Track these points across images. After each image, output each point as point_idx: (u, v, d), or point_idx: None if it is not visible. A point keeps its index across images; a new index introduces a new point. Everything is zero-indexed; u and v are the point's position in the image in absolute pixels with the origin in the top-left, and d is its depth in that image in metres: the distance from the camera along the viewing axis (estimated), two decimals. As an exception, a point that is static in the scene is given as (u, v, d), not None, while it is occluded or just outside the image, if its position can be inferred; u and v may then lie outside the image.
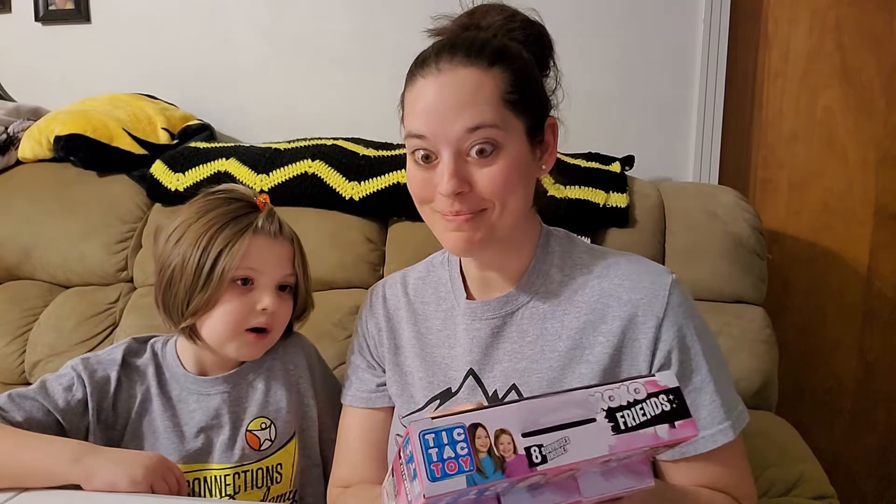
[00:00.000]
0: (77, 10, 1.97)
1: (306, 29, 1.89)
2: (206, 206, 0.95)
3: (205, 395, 0.98)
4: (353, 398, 0.94)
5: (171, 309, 0.94)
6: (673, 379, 0.54)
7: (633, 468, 0.54)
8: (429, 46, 0.80)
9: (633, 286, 0.81)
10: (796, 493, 1.21)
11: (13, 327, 1.59)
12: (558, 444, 0.49)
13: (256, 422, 0.98)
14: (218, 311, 0.93)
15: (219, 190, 0.99)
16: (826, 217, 1.84)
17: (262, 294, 0.94)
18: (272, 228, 0.95)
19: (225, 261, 0.91)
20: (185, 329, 0.95)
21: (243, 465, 0.97)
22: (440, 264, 0.94)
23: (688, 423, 0.53)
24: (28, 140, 1.72)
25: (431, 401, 0.86)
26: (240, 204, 0.96)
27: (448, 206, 0.77)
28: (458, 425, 0.49)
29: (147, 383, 0.98)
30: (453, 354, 0.87)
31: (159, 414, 0.96)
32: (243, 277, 0.93)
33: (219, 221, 0.93)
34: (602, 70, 1.76)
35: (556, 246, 0.87)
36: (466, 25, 0.82)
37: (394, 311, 0.94)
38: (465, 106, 0.74)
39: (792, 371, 1.80)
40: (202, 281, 0.91)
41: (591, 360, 0.80)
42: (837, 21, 1.76)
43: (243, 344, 0.96)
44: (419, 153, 0.78)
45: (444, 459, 0.47)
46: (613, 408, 0.52)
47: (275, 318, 0.96)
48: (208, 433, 0.97)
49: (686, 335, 0.80)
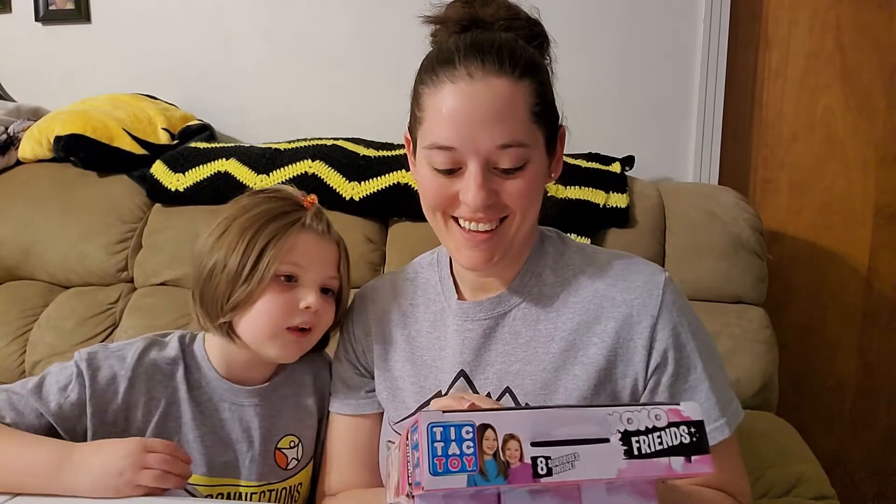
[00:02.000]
0: (77, 10, 1.97)
1: (306, 29, 1.89)
2: (251, 203, 0.91)
3: (238, 406, 0.93)
4: (341, 406, 0.93)
5: (210, 303, 0.89)
6: (697, 411, 0.52)
7: (639, 488, 0.53)
8: (447, 43, 0.77)
9: (626, 286, 0.81)
10: (796, 494, 1.21)
11: (13, 327, 1.59)
12: (566, 459, 0.48)
13: (286, 440, 0.95)
14: (259, 308, 0.88)
15: (265, 189, 0.96)
16: (826, 217, 1.84)
17: (306, 292, 0.89)
18: (320, 227, 0.92)
19: (270, 254, 0.86)
20: (221, 325, 0.90)
21: (270, 484, 0.93)
22: (429, 265, 0.93)
23: (704, 459, 0.51)
24: (28, 140, 1.72)
25: (423, 405, 0.86)
26: (287, 202, 0.92)
27: (471, 213, 0.76)
28: (468, 423, 0.48)
29: (174, 385, 0.91)
30: (443, 357, 0.86)
31: (189, 420, 0.91)
32: (287, 274, 0.88)
33: (265, 216, 0.89)
34: (602, 70, 1.76)
35: (549, 247, 0.87)
36: (468, 17, 0.80)
37: (382, 313, 0.92)
38: (497, 120, 0.73)
39: (792, 371, 1.80)
40: (245, 275, 0.86)
41: (586, 361, 0.80)
42: (838, 21, 1.76)
43: (283, 343, 0.90)
44: (441, 163, 0.76)
45: (449, 455, 0.47)
46: (630, 431, 0.50)
47: (317, 318, 0.90)
48: (238, 446, 0.92)
49: (681, 333, 0.80)
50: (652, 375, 0.80)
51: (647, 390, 0.80)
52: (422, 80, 0.78)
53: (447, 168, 0.76)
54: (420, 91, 0.78)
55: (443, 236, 0.82)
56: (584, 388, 0.79)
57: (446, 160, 0.75)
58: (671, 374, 0.79)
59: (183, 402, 0.91)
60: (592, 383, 0.79)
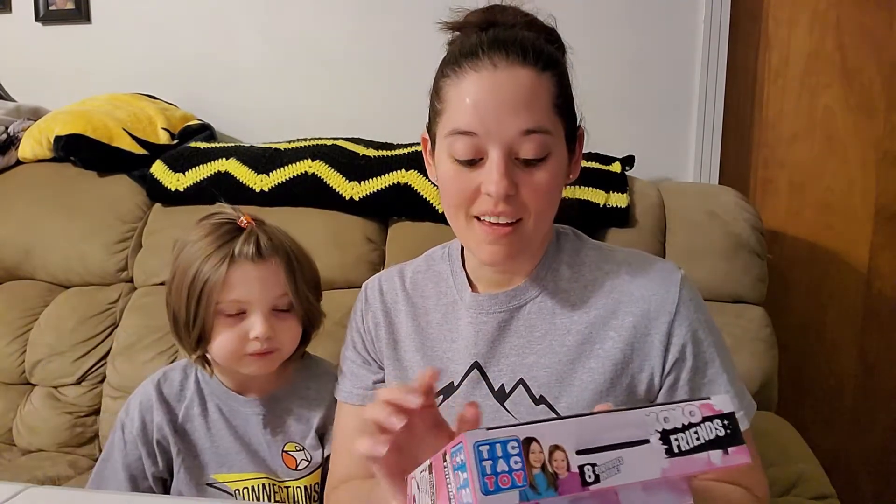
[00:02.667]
0: (77, 10, 1.97)
1: (306, 29, 1.89)
2: (191, 240, 0.94)
3: (243, 413, 0.99)
4: (349, 395, 0.93)
5: (182, 341, 0.96)
6: (728, 403, 0.52)
7: (674, 484, 0.53)
8: (470, 39, 0.78)
9: (643, 282, 0.82)
10: (796, 493, 1.22)
11: (13, 327, 1.59)
12: (612, 464, 0.48)
13: (291, 445, 0.99)
14: (216, 343, 0.93)
15: (207, 216, 0.97)
16: (826, 217, 1.84)
17: (254, 322, 0.92)
18: (251, 251, 0.91)
19: (208, 292, 0.90)
20: (198, 359, 0.97)
21: (284, 481, 0.98)
22: (440, 258, 0.93)
23: (741, 449, 0.51)
24: (28, 140, 1.72)
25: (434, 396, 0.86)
26: (224, 229, 0.93)
27: (492, 206, 0.75)
28: (512, 438, 0.47)
29: (186, 402, 1.00)
30: (455, 348, 0.86)
31: (204, 428, 0.99)
32: (231, 312, 0.92)
33: (199, 257, 0.91)
34: (602, 70, 1.76)
35: (565, 244, 0.88)
36: (487, 22, 0.80)
37: (391, 304, 0.93)
38: (522, 106, 0.73)
39: (792, 371, 1.80)
40: (192, 314, 0.91)
41: (602, 354, 0.81)
42: (838, 21, 1.76)
43: (249, 365, 0.95)
44: (463, 151, 0.75)
45: (498, 473, 0.46)
46: (668, 430, 0.50)
47: (274, 341, 0.94)
48: (248, 446, 0.98)
49: (698, 329, 0.81)
50: (671, 371, 0.80)
51: (665, 386, 0.81)
52: (443, 73, 0.78)
53: (468, 158, 0.75)
54: (441, 84, 0.78)
55: (464, 235, 0.82)
56: (599, 382, 0.80)
57: (468, 148, 0.74)
58: (690, 369, 0.80)
59: (195, 418, 0.99)
60: (609, 377, 0.80)
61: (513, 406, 0.82)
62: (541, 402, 0.81)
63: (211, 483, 0.97)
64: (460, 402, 0.84)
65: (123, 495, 0.77)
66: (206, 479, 0.97)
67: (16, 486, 0.79)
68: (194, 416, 0.99)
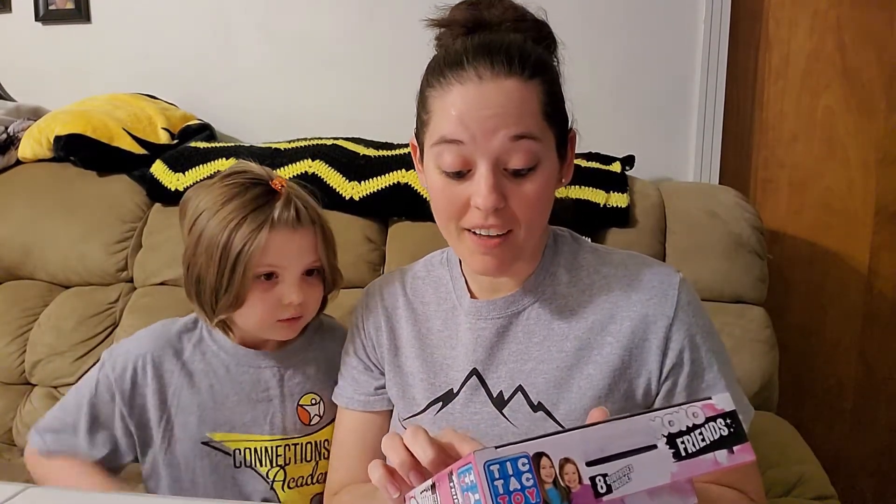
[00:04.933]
0: (77, 10, 1.97)
1: (306, 29, 1.89)
2: (222, 197, 0.91)
3: (255, 368, 0.98)
4: (350, 400, 0.93)
5: (203, 305, 0.93)
6: (729, 402, 0.52)
7: (678, 486, 0.53)
8: (454, 45, 0.76)
9: (641, 286, 0.81)
10: (797, 494, 1.21)
11: (13, 327, 1.59)
12: (622, 473, 0.48)
13: (308, 397, 0.99)
14: (247, 307, 0.92)
15: (234, 173, 0.94)
16: (826, 217, 1.84)
17: (288, 288, 0.92)
18: (290, 217, 0.90)
19: (245, 259, 0.88)
20: (219, 322, 0.95)
21: (293, 438, 0.97)
22: (440, 263, 0.92)
23: (745, 447, 0.51)
24: (28, 140, 1.72)
25: (433, 403, 0.86)
26: (256, 191, 0.91)
27: (482, 219, 0.74)
28: (522, 455, 0.47)
29: (183, 358, 0.97)
30: (454, 355, 0.86)
31: (207, 385, 0.96)
32: (267, 273, 0.91)
33: (237, 216, 0.89)
34: (602, 70, 1.76)
35: (563, 247, 0.87)
36: (473, 19, 0.78)
37: (392, 310, 0.92)
38: (509, 115, 0.71)
39: (792, 371, 1.80)
40: (226, 280, 0.89)
41: (600, 360, 0.80)
42: (838, 21, 1.76)
43: (277, 330, 0.95)
44: (450, 163, 0.73)
45: (511, 492, 0.45)
46: (674, 433, 0.50)
47: (304, 307, 0.94)
48: (257, 405, 0.97)
49: (696, 333, 0.80)
50: (668, 377, 0.80)
51: (663, 392, 0.80)
52: (428, 83, 0.76)
53: (456, 170, 0.73)
54: (427, 94, 0.77)
55: (455, 246, 0.81)
56: (598, 388, 0.79)
57: (455, 159, 0.73)
58: (688, 375, 0.79)
59: (196, 373, 0.97)
60: (607, 383, 0.79)
61: (511, 413, 0.81)
62: (539, 408, 0.80)
63: (207, 441, 0.95)
64: (459, 409, 0.84)
65: (123, 495, 0.76)
66: (202, 438, 0.95)
67: (16, 486, 0.78)
68: (195, 371, 0.97)
